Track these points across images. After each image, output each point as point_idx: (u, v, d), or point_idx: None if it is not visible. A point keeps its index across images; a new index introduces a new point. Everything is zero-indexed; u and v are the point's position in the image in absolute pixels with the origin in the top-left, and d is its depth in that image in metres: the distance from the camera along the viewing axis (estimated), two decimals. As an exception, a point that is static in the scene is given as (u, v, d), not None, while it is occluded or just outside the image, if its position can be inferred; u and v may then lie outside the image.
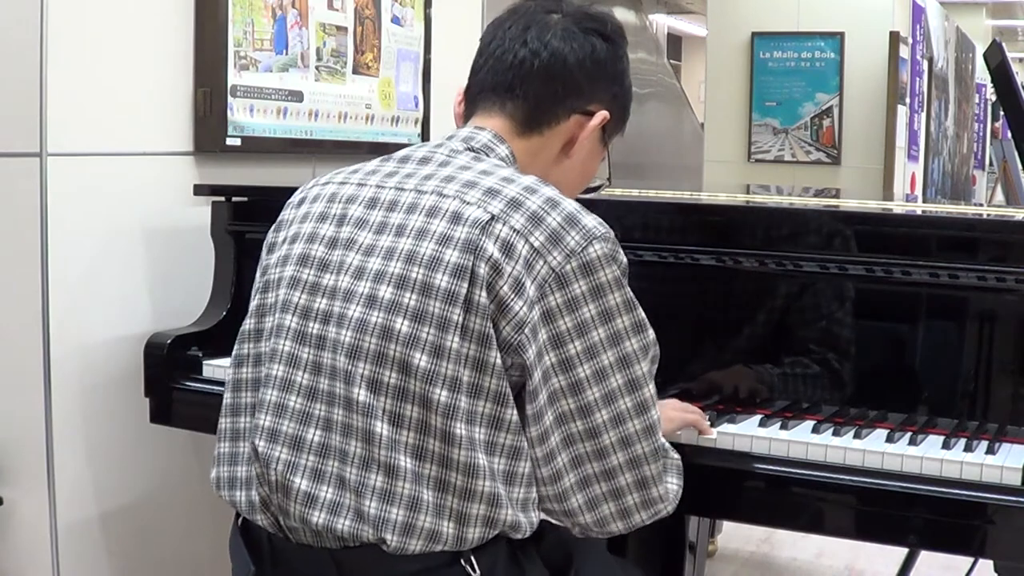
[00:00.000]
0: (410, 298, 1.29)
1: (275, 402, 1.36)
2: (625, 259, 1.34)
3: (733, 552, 3.45)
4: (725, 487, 1.59)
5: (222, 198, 2.24)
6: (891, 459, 1.48)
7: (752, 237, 1.76)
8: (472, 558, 1.30)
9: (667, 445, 1.40)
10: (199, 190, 2.28)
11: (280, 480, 1.33)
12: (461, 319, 1.27)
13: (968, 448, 1.50)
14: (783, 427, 1.60)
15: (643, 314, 1.34)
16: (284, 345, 1.37)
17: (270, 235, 1.49)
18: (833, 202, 2.28)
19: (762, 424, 1.62)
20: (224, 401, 1.46)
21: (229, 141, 2.34)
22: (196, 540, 2.32)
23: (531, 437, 1.30)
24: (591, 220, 1.32)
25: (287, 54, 2.46)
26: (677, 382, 1.77)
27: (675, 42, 14.95)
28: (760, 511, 1.61)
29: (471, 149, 1.42)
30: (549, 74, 1.44)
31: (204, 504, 2.29)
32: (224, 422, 1.45)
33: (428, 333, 1.27)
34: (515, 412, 1.29)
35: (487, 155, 1.42)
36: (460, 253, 1.28)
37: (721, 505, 1.67)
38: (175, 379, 2.07)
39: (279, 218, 1.49)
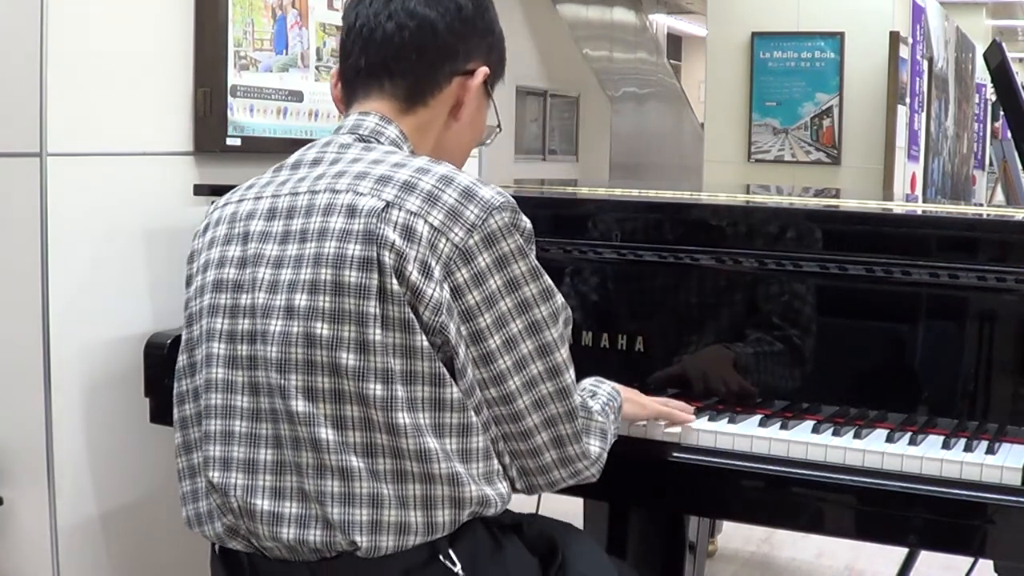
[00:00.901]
0: (324, 300, 1.28)
1: (220, 431, 1.36)
2: (528, 224, 1.34)
3: (733, 552, 3.44)
4: (725, 487, 1.59)
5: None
6: (891, 459, 1.49)
7: (752, 237, 1.76)
8: (451, 552, 1.29)
9: (591, 408, 1.41)
10: (199, 190, 2.28)
11: (242, 505, 1.33)
12: (378, 311, 1.26)
13: (968, 448, 1.50)
14: (783, 427, 1.60)
15: (550, 280, 1.35)
16: (217, 373, 1.37)
17: (186, 267, 1.48)
18: (833, 202, 2.28)
19: (762, 424, 1.62)
20: (175, 441, 1.46)
21: (229, 141, 2.34)
22: (196, 540, 2.31)
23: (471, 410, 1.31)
24: (488, 191, 1.31)
25: (287, 54, 2.46)
26: (677, 379, 1.78)
27: (675, 42, 14.96)
28: (760, 511, 1.61)
29: (361, 139, 1.42)
30: (421, 44, 1.42)
31: (204, 504, 2.28)
32: (180, 462, 1.45)
33: (349, 331, 1.27)
34: (455, 390, 1.29)
35: (378, 140, 1.41)
36: (362, 245, 1.27)
37: (721, 505, 1.67)
38: (175, 379, 2.07)
39: (190, 249, 1.48)
